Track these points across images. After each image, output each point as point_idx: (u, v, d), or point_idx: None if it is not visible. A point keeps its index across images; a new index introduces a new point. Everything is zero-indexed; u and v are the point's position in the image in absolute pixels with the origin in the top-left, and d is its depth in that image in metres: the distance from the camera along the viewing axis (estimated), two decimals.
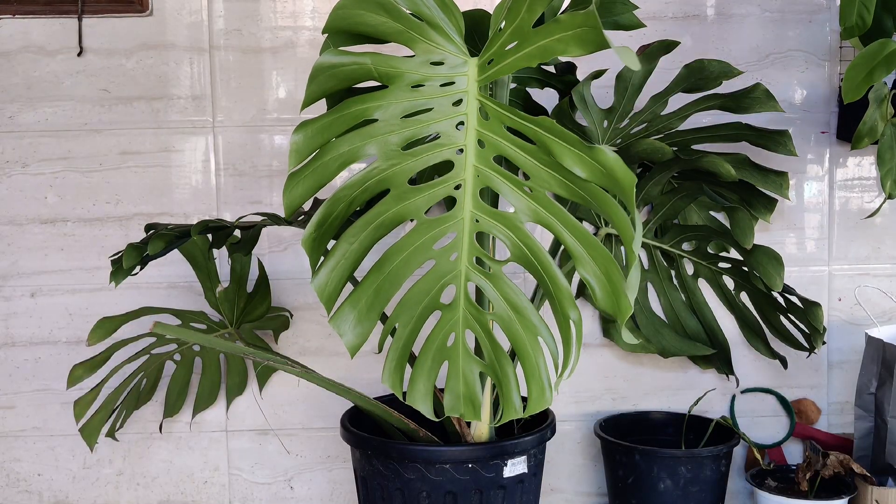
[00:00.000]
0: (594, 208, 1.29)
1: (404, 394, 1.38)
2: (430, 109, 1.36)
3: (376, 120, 1.35)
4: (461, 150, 1.35)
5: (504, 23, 1.30)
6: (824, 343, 1.82)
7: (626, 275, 1.28)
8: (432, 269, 1.36)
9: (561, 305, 1.31)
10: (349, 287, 1.41)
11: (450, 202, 1.37)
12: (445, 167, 1.37)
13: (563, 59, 1.77)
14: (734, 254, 1.84)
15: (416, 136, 1.35)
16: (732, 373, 1.94)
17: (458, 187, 1.35)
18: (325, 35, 1.42)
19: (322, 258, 1.35)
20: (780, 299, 1.80)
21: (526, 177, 1.33)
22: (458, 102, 1.36)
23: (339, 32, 1.38)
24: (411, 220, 1.36)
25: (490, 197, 1.46)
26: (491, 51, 1.33)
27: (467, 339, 1.36)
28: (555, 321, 1.33)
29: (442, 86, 1.36)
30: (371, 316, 1.35)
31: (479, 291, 1.39)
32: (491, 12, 1.44)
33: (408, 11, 1.34)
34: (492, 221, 1.34)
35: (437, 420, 1.40)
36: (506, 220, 1.34)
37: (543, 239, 1.88)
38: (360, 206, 1.37)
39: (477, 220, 1.35)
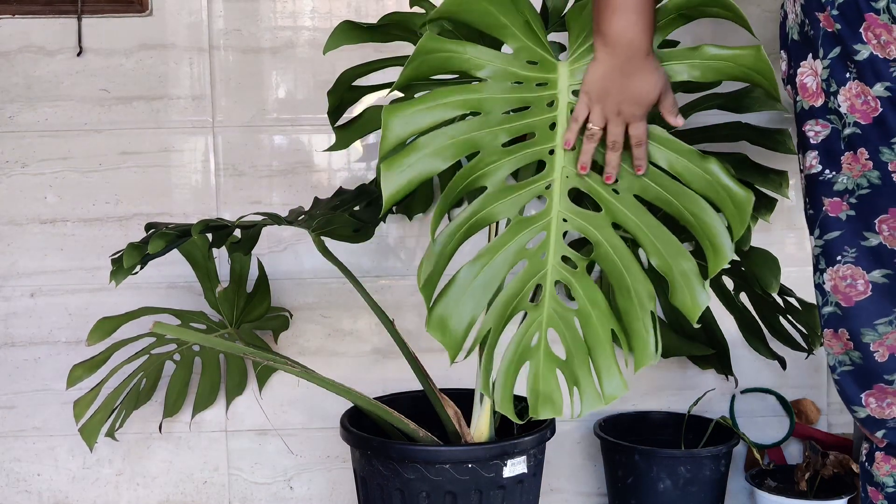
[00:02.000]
0: (683, 218, 1.32)
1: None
2: (528, 108, 1.35)
3: (479, 113, 1.34)
4: (552, 151, 1.35)
5: None
6: (822, 344, 1.82)
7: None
8: (524, 270, 1.36)
9: (640, 299, 1.34)
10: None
11: (538, 202, 1.38)
12: (539, 167, 1.37)
13: None
14: None
15: (519, 133, 1.35)
16: (731, 373, 1.94)
17: (548, 187, 1.36)
18: (328, 31, 1.43)
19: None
20: (779, 300, 1.80)
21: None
22: (551, 104, 1.35)
23: (444, 18, 1.36)
24: (506, 220, 1.37)
25: (584, 198, 1.45)
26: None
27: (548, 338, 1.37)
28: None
29: (538, 85, 1.36)
30: (470, 317, 1.34)
31: (561, 290, 1.40)
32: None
33: (516, 9, 1.35)
34: (579, 221, 1.35)
35: (521, 422, 1.39)
36: (591, 219, 1.35)
37: None
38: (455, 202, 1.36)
39: (565, 220, 1.36)
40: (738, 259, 1.75)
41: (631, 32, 1.26)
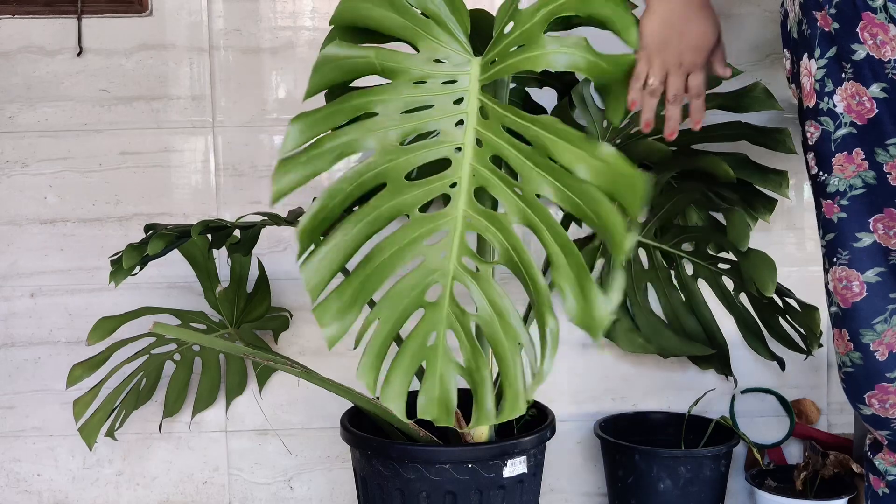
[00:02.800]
0: (582, 213, 1.26)
1: (378, 392, 1.35)
2: (430, 106, 1.36)
3: (376, 114, 1.35)
4: (459, 149, 1.36)
5: (512, 25, 1.32)
6: (821, 346, 1.82)
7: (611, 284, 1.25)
8: (420, 266, 1.35)
9: (539, 309, 1.29)
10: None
11: (445, 200, 1.37)
12: (443, 165, 1.37)
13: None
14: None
15: (416, 132, 1.36)
16: (731, 373, 1.94)
17: (453, 185, 1.35)
18: (328, 31, 1.43)
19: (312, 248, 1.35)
20: (779, 301, 1.80)
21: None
22: (459, 101, 1.36)
23: (346, 27, 1.39)
24: (406, 216, 1.36)
25: (488, 198, 1.45)
26: (495, 51, 1.34)
27: (448, 341, 1.34)
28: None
29: (444, 83, 1.36)
30: (354, 309, 1.34)
31: (464, 293, 1.38)
32: (492, 13, 1.44)
33: (415, 8, 1.36)
34: (483, 222, 1.34)
35: (407, 420, 1.37)
36: (495, 221, 1.33)
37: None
38: (355, 201, 1.37)
39: (469, 220, 1.34)
40: (737, 260, 1.75)
41: None
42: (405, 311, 1.35)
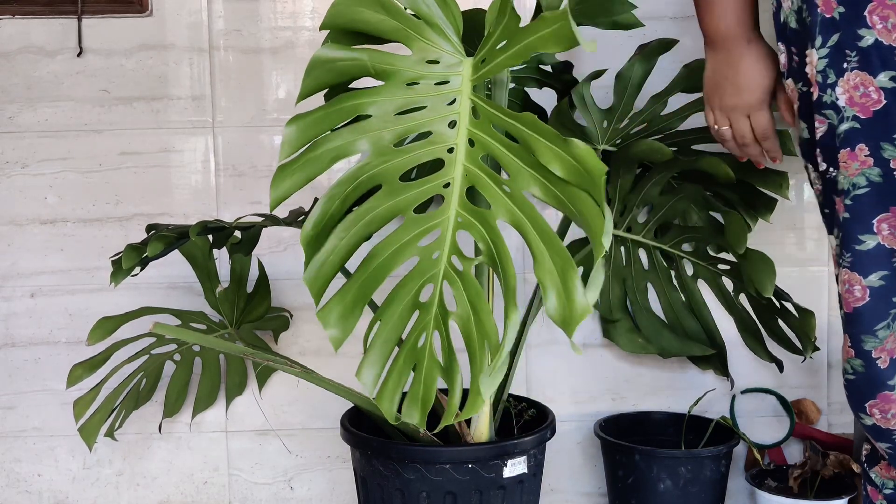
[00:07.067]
0: (566, 209, 1.28)
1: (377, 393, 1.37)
2: (423, 107, 1.37)
3: (370, 116, 1.36)
4: (452, 150, 1.36)
5: (495, 22, 1.32)
6: (817, 349, 1.81)
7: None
8: (416, 267, 1.37)
9: (506, 301, 1.30)
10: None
11: (439, 200, 1.38)
12: (437, 165, 1.37)
13: (560, 57, 1.78)
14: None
15: (409, 133, 1.37)
16: (728, 374, 1.94)
17: (447, 185, 1.36)
18: (326, 34, 1.43)
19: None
20: (777, 303, 1.80)
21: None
22: (451, 102, 1.37)
23: (338, 29, 1.39)
24: (402, 217, 1.37)
25: (480, 197, 1.44)
26: (484, 50, 1.34)
27: (435, 341, 1.36)
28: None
29: (436, 84, 1.37)
30: (356, 311, 1.36)
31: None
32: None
33: (407, 10, 1.36)
34: (471, 220, 1.35)
35: (393, 423, 1.39)
36: (482, 219, 1.34)
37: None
38: (353, 203, 1.37)
39: (460, 220, 1.35)
40: (736, 260, 1.75)
41: (723, 24, 1.31)
42: (403, 312, 1.37)
